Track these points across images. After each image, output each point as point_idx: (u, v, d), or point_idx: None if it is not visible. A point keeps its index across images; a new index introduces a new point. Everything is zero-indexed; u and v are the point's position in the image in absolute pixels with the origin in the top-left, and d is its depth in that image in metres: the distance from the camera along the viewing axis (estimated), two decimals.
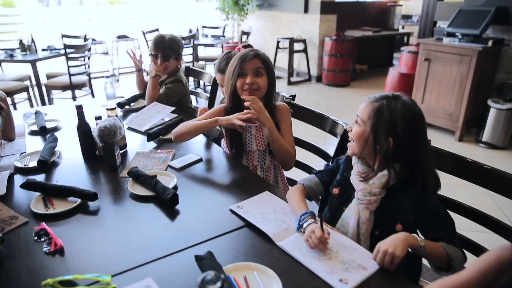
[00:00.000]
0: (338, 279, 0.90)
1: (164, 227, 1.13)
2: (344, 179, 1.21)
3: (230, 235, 1.09)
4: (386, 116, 1.06)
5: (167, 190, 1.22)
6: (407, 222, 1.08)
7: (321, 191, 1.29)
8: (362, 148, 1.11)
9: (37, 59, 4.17)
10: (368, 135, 1.09)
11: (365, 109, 1.11)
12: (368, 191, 1.11)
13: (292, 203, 1.20)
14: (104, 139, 1.41)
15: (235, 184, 1.39)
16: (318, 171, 1.33)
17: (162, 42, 2.23)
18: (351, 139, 1.15)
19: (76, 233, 1.11)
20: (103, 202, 1.26)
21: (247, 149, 1.57)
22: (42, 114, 2.02)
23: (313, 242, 0.99)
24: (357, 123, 1.14)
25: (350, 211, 1.16)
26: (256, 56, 1.49)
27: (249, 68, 1.48)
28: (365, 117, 1.11)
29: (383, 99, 1.09)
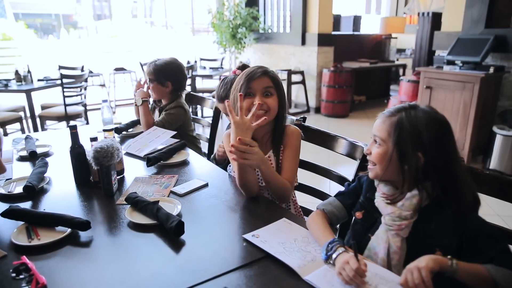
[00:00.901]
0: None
1: (168, 261, 0.97)
2: (368, 200, 1.07)
3: (246, 269, 0.92)
4: (408, 128, 0.94)
5: (171, 218, 1.06)
6: (447, 248, 0.92)
7: (344, 215, 1.14)
8: (386, 169, 0.98)
9: (32, 88, 4.07)
10: (391, 155, 0.97)
11: (382, 126, 0.99)
12: (397, 215, 0.97)
13: (315, 231, 1.05)
14: (99, 161, 1.26)
15: (248, 211, 1.23)
16: (339, 193, 1.18)
17: (149, 65, 2.14)
18: (371, 162, 1.03)
19: (63, 268, 0.93)
20: (96, 232, 1.10)
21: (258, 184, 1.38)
22: (33, 139, 1.87)
23: (348, 276, 0.83)
24: (376, 143, 1.01)
25: (378, 239, 1.00)
26: (265, 74, 1.34)
27: (257, 88, 1.32)
28: (384, 135, 0.98)
29: (400, 111, 0.97)
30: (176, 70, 2.14)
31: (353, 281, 0.83)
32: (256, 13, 6.64)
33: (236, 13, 6.66)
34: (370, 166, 1.04)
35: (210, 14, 6.90)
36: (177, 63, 2.17)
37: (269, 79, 1.35)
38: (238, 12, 6.66)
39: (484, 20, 3.92)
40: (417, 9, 8.93)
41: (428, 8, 8.38)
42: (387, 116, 0.98)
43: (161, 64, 2.12)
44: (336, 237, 0.97)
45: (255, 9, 6.64)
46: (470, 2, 4.00)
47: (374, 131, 1.01)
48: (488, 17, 3.90)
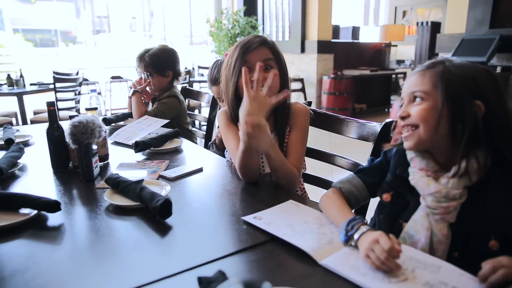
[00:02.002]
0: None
1: (153, 246, 0.79)
2: (398, 179, 0.87)
3: (247, 254, 0.75)
4: (459, 74, 0.76)
5: (157, 197, 0.89)
6: (506, 237, 0.73)
7: (365, 196, 0.94)
8: (434, 130, 0.77)
9: (23, 92, 3.93)
10: (441, 109, 0.75)
11: (422, 79, 0.79)
12: (443, 195, 0.76)
13: (331, 211, 0.87)
14: (77, 138, 1.09)
15: (248, 194, 1.06)
16: (360, 169, 0.97)
17: (141, 58, 1.97)
18: (409, 126, 0.81)
19: (23, 255, 0.75)
20: (69, 216, 0.92)
21: (259, 171, 1.20)
22: (12, 129, 1.71)
23: (379, 258, 0.65)
24: (414, 102, 0.80)
25: (416, 226, 0.80)
26: (263, 44, 1.14)
27: (255, 61, 1.09)
28: (427, 87, 0.78)
29: (438, 63, 0.79)
30: (172, 56, 2.00)
31: (385, 264, 0.65)
32: (254, 22, 6.58)
33: (235, 22, 6.61)
34: (406, 133, 0.81)
35: (208, 24, 6.84)
36: (170, 48, 2.03)
37: (268, 50, 1.16)
38: (236, 21, 6.60)
39: (488, 21, 3.83)
40: (415, 20, 8.94)
41: (426, 19, 8.38)
42: (425, 69, 0.80)
43: (157, 53, 1.97)
44: (356, 215, 0.79)
45: (253, 18, 6.58)
46: (474, 3, 3.93)
47: (411, 88, 0.81)
48: (492, 17, 3.82)
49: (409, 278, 0.63)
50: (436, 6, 8.57)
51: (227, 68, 1.18)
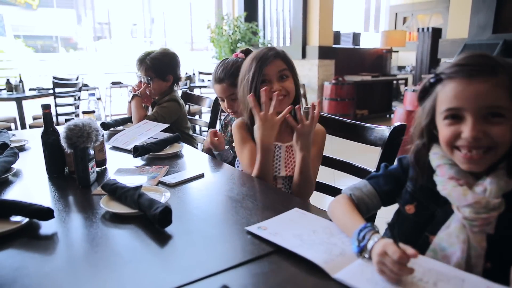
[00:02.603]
0: None
1: (152, 257, 0.74)
2: (421, 189, 0.80)
3: (252, 266, 0.69)
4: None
5: (156, 204, 0.84)
6: None
7: (376, 204, 0.87)
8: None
9: (22, 97, 3.89)
10: None
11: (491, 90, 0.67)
12: (483, 205, 0.69)
13: (340, 218, 0.82)
14: (73, 142, 1.04)
15: (252, 201, 1.00)
16: (372, 175, 0.91)
17: (142, 61, 1.94)
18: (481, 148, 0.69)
19: (9, 264, 0.70)
20: (63, 224, 0.87)
21: (274, 174, 1.21)
22: (7, 133, 1.65)
23: (392, 271, 0.60)
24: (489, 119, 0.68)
25: (450, 238, 0.72)
26: (277, 56, 1.20)
27: (272, 73, 1.18)
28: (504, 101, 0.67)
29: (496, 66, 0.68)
30: (173, 60, 1.96)
31: (399, 275, 0.60)
32: (255, 28, 6.57)
33: (236, 28, 6.60)
34: (477, 154, 0.70)
35: (209, 29, 6.83)
36: (172, 52, 1.99)
37: (282, 61, 1.21)
38: (237, 26, 6.59)
39: (491, 26, 3.81)
40: (415, 26, 8.95)
41: (426, 25, 8.39)
42: (488, 77, 0.67)
43: (158, 57, 1.93)
44: (368, 223, 0.73)
45: (254, 24, 6.57)
46: (476, 8, 3.91)
47: (485, 103, 0.67)
48: (495, 22, 3.79)
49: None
50: (437, 12, 8.58)
51: (246, 81, 1.21)
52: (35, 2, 13.32)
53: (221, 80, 1.44)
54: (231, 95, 1.46)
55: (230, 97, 1.46)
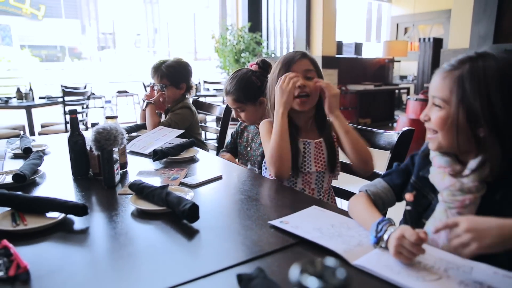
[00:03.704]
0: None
1: (181, 248, 0.79)
2: (421, 180, 0.88)
3: (277, 256, 0.75)
4: (476, 80, 0.74)
5: (184, 201, 0.90)
6: None
7: (391, 199, 0.94)
8: (454, 137, 0.78)
9: (32, 105, 3.97)
10: (456, 117, 0.76)
11: (442, 83, 0.79)
12: (458, 188, 0.78)
13: (359, 214, 0.88)
14: (101, 145, 1.11)
15: (272, 200, 1.06)
16: (386, 173, 0.99)
17: (157, 69, 2.01)
18: (431, 130, 0.83)
19: (52, 256, 0.76)
20: (94, 220, 0.93)
21: (305, 170, 1.24)
22: (28, 138, 1.73)
23: (411, 252, 0.67)
24: (435, 106, 0.81)
25: (435, 222, 0.81)
26: (304, 56, 1.24)
27: (298, 70, 1.21)
28: (444, 93, 0.78)
29: (464, 62, 0.77)
30: (186, 69, 2.04)
31: (415, 255, 0.67)
32: (259, 38, 6.68)
33: (240, 38, 6.71)
34: (429, 135, 0.83)
35: (213, 40, 6.95)
36: (185, 61, 2.06)
37: (309, 62, 1.24)
38: (241, 37, 6.71)
39: (492, 36, 3.89)
40: (417, 36, 9.07)
41: (427, 35, 8.50)
42: (449, 71, 0.78)
43: (173, 65, 2.01)
44: (385, 217, 0.80)
45: (258, 34, 6.69)
46: (477, 18, 3.99)
47: (432, 92, 0.81)
48: (495, 32, 3.87)
49: (443, 277, 0.64)
50: (438, 23, 8.70)
51: (272, 78, 1.26)
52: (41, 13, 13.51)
53: (228, 93, 1.53)
54: (237, 108, 1.55)
55: (236, 109, 1.56)
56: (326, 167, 1.25)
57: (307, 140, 1.24)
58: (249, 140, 1.64)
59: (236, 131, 1.71)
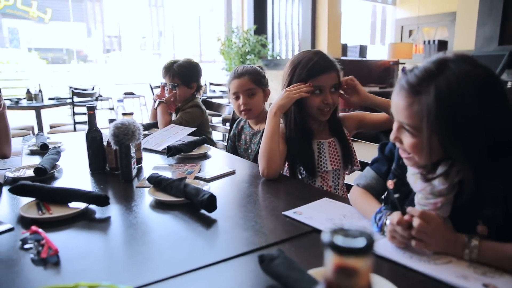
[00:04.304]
0: (481, 284, 0.60)
1: (197, 236, 0.83)
2: (401, 167, 0.87)
3: (294, 242, 0.78)
4: (444, 105, 0.69)
5: (202, 192, 0.93)
6: (493, 220, 0.70)
7: (382, 186, 0.95)
8: (429, 157, 0.73)
9: (41, 106, 4.03)
10: (429, 143, 0.71)
11: (409, 111, 0.73)
12: (429, 192, 0.77)
13: (359, 208, 0.92)
14: (119, 139, 1.15)
15: (285, 192, 1.10)
16: (373, 160, 1.00)
17: (169, 68, 2.06)
18: (405, 151, 0.79)
19: (77, 241, 0.80)
20: (114, 211, 0.97)
21: (322, 170, 1.27)
22: (44, 136, 1.78)
23: (401, 235, 0.71)
24: (406, 131, 0.76)
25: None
26: (333, 68, 1.21)
27: (327, 85, 1.19)
28: (414, 122, 0.72)
29: (427, 83, 0.70)
30: (197, 69, 2.08)
31: (407, 239, 0.70)
32: (264, 40, 6.73)
33: (245, 40, 6.76)
34: (404, 155, 0.79)
35: (219, 42, 7.01)
36: (195, 62, 2.11)
37: (336, 74, 1.23)
38: (247, 39, 6.76)
39: (497, 38, 3.91)
40: (421, 39, 9.08)
41: (432, 38, 8.52)
42: (413, 95, 0.72)
43: (184, 65, 2.05)
44: (383, 205, 0.83)
45: (263, 37, 6.74)
46: (482, 21, 4.02)
47: (399, 116, 0.76)
48: (501, 34, 3.89)
49: (453, 261, 0.67)
50: (442, 26, 8.72)
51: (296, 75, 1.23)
52: (47, 16, 13.67)
53: (242, 75, 1.54)
54: (249, 90, 1.55)
55: (247, 91, 1.55)
56: (341, 165, 1.28)
57: (320, 141, 1.27)
58: (248, 141, 1.64)
59: (233, 134, 1.72)
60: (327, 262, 0.35)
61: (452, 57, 0.72)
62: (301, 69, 1.21)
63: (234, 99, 1.59)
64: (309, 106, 1.22)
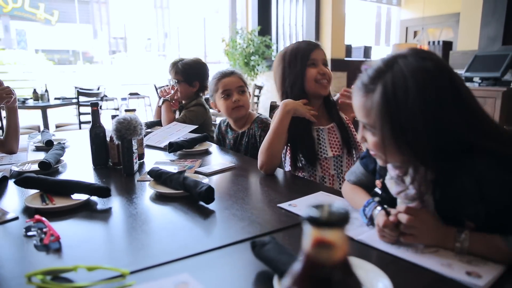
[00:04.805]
0: (464, 271, 0.61)
1: (198, 225, 0.86)
2: (383, 169, 0.87)
3: (288, 231, 0.81)
4: (390, 103, 0.68)
5: (200, 184, 0.96)
6: (477, 218, 0.69)
7: (372, 181, 0.93)
8: (395, 154, 0.72)
9: (47, 105, 4.09)
10: (389, 140, 0.70)
11: (364, 110, 0.73)
12: (404, 197, 0.77)
13: (350, 199, 0.94)
14: (122, 134, 1.18)
15: (281, 186, 1.13)
16: (362, 155, 0.99)
17: (174, 65, 2.10)
18: (372, 150, 0.79)
19: (79, 230, 0.83)
20: (115, 202, 0.99)
21: (322, 156, 1.29)
22: (49, 133, 1.82)
23: (389, 233, 0.73)
24: (367, 130, 0.76)
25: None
26: (318, 46, 1.31)
27: (318, 58, 1.29)
28: (370, 120, 0.72)
29: (377, 81, 0.70)
30: (203, 69, 2.11)
31: (395, 236, 0.72)
32: (268, 41, 6.76)
33: (249, 41, 6.80)
34: (372, 153, 0.79)
35: (223, 43, 7.05)
36: (203, 62, 2.14)
37: (323, 53, 1.33)
38: (251, 40, 6.80)
39: (501, 38, 3.90)
40: (426, 39, 9.06)
41: (437, 39, 8.50)
42: (366, 93, 0.72)
43: (189, 63, 2.08)
44: (372, 198, 0.85)
45: (268, 38, 6.77)
46: (486, 21, 4.01)
47: (358, 115, 0.77)
48: (505, 34, 3.88)
49: (440, 250, 0.69)
50: (447, 26, 8.69)
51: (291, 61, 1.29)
52: (54, 18, 13.82)
53: (231, 73, 1.60)
54: (240, 87, 1.60)
55: (239, 88, 1.60)
56: (342, 150, 1.30)
57: (319, 127, 1.30)
58: (232, 144, 1.68)
59: (218, 140, 1.79)
60: (306, 237, 0.38)
61: (404, 52, 0.71)
62: (290, 55, 1.29)
63: (224, 98, 1.60)
64: (308, 81, 1.27)
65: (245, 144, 1.62)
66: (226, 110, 1.62)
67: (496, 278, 0.60)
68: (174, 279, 0.59)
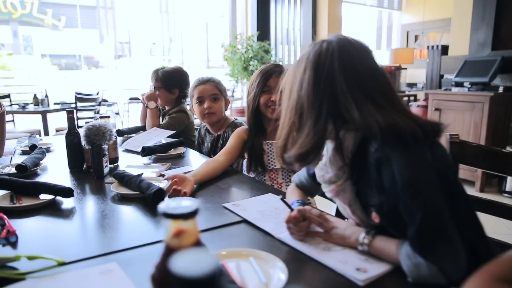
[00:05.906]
0: (355, 268, 0.69)
1: (143, 221, 0.95)
2: None
3: (226, 229, 0.90)
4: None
5: (152, 186, 1.05)
6: (380, 208, 0.71)
7: (315, 185, 0.96)
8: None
9: (47, 110, 4.23)
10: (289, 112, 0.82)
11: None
12: (323, 180, 0.82)
13: (287, 198, 1.02)
14: (91, 140, 1.27)
15: (236, 189, 1.21)
16: None
17: (155, 72, 2.22)
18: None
19: (40, 228, 0.93)
20: (81, 202, 1.09)
21: (270, 167, 1.42)
22: (36, 138, 1.92)
23: (296, 230, 0.81)
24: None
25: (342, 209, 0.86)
26: (281, 73, 1.38)
27: (273, 86, 1.38)
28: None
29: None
30: (182, 77, 2.21)
31: (301, 232, 0.81)
32: (267, 46, 6.86)
33: (248, 47, 6.91)
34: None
35: (223, 48, 7.17)
36: (183, 71, 2.24)
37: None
38: (250, 45, 6.90)
39: (490, 43, 3.95)
40: (427, 43, 9.09)
41: (438, 43, 8.52)
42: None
43: (169, 71, 2.19)
44: (300, 199, 0.94)
45: (266, 43, 6.87)
46: (476, 26, 4.06)
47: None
48: (494, 40, 3.94)
49: (347, 248, 0.76)
50: (447, 30, 8.70)
51: (251, 87, 1.43)
52: (61, 23, 14.10)
53: (207, 81, 1.70)
54: (214, 94, 1.70)
55: (212, 96, 1.70)
56: None
57: (269, 141, 1.41)
58: (209, 149, 1.77)
59: (198, 143, 1.88)
60: (166, 230, 0.46)
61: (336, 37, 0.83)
62: (258, 75, 1.41)
63: (198, 104, 1.71)
64: (261, 104, 1.39)
65: (220, 147, 1.70)
66: (199, 115, 1.73)
67: (380, 274, 0.67)
68: (101, 268, 0.68)
